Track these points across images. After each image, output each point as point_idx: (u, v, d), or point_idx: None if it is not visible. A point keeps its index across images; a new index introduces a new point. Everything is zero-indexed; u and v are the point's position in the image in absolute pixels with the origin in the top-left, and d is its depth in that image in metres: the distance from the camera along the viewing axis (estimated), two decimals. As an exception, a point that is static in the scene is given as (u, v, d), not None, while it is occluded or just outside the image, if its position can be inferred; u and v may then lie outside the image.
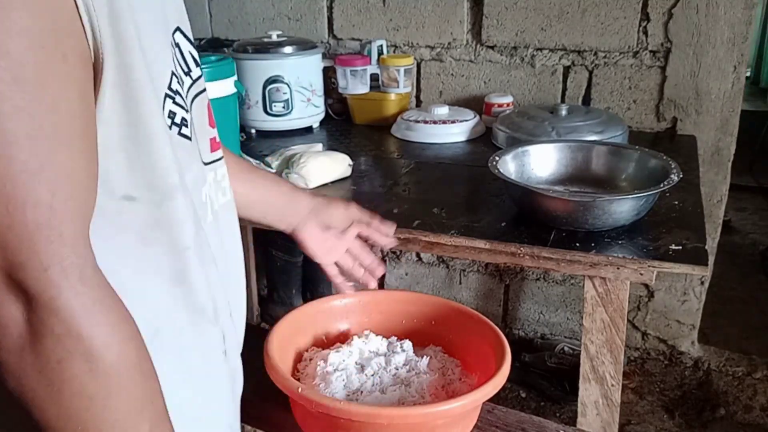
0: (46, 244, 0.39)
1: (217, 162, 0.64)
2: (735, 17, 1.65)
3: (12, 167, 0.38)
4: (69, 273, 0.40)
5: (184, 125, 0.54)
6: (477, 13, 1.93)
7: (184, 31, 0.56)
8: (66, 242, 0.41)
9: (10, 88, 0.38)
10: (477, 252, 1.18)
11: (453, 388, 0.92)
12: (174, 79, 0.52)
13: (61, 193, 0.40)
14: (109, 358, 0.42)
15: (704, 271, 1.04)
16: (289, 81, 1.85)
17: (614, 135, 1.59)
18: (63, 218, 0.40)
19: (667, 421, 1.83)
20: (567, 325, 2.17)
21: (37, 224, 0.39)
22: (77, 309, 0.40)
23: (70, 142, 0.41)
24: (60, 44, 0.41)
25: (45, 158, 0.39)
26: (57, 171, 0.40)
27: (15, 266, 0.39)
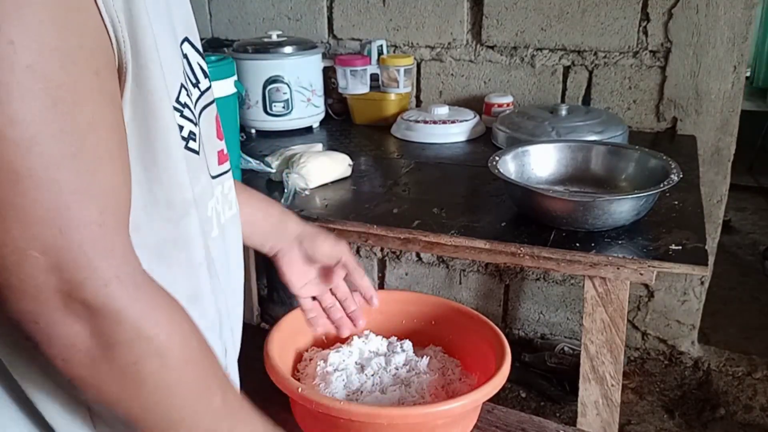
0: (101, 260, 0.40)
1: (225, 175, 0.63)
2: (735, 17, 1.65)
3: (60, 190, 0.38)
4: (126, 283, 0.42)
5: (192, 139, 0.53)
6: (477, 13, 1.93)
7: (192, 41, 0.55)
8: (118, 255, 0.42)
9: (51, 111, 0.38)
10: (477, 252, 1.19)
11: (453, 388, 0.92)
12: (183, 91, 0.51)
13: (109, 208, 0.41)
14: (176, 350, 0.44)
15: (704, 271, 1.04)
16: (289, 81, 1.85)
17: (614, 135, 1.59)
18: (113, 233, 0.42)
19: (667, 421, 1.83)
20: (567, 325, 2.17)
21: (92, 243, 0.40)
22: (139, 314, 0.42)
23: (111, 157, 0.42)
24: (91, 60, 0.41)
25: (90, 177, 0.40)
26: (103, 188, 0.41)
27: (75, 286, 0.40)
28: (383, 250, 2.30)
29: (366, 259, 2.32)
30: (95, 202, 0.40)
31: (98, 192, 0.40)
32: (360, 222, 1.25)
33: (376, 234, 1.24)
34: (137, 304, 0.42)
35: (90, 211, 0.40)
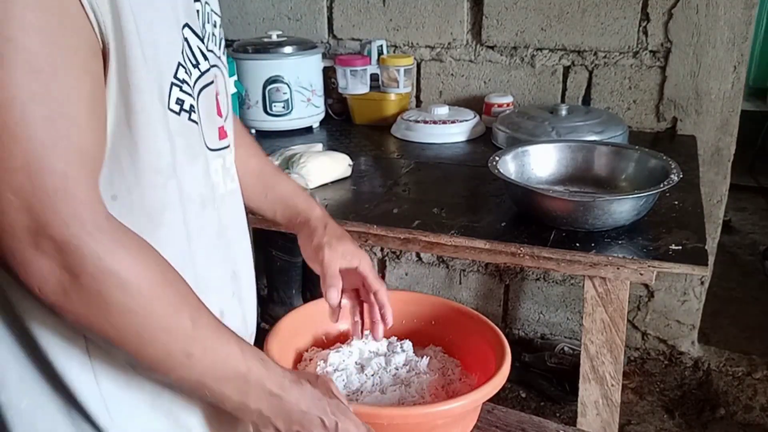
0: (63, 205, 0.47)
1: (225, 149, 0.69)
2: (735, 17, 1.65)
3: (30, 144, 0.46)
4: (86, 224, 0.48)
5: (193, 111, 0.60)
6: (477, 13, 1.93)
7: (192, 27, 0.61)
8: (80, 201, 0.48)
9: (28, 78, 0.45)
10: (477, 252, 1.19)
11: (453, 388, 0.92)
12: (181, 69, 0.58)
13: (74, 163, 0.48)
14: (136, 280, 0.51)
15: (704, 271, 1.04)
16: (289, 81, 1.85)
17: (614, 135, 1.59)
18: (76, 183, 0.48)
19: (667, 421, 1.83)
20: (567, 325, 2.17)
21: (56, 190, 0.47)
22: (100, 251, 0.49)
23: (81, 122, 0.49)
24: (70, 39, 0.48)
25: (60, 137, 0.47)
26: (70, 146, 0.48)
27: (42, 225, 0.47)
28: (383, 250, 2.30)
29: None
30: (62, 157, 0.47)
31: (65, 149, 0.48)
32: (360, 222, 1.25)
33: (376, 234, 1.24)
34: (98, 242, 0.49)
35: (57, 164, 0.47)
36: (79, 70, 0.49)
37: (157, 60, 0.55)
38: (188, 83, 0.59)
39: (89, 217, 0.49)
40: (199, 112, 0.62)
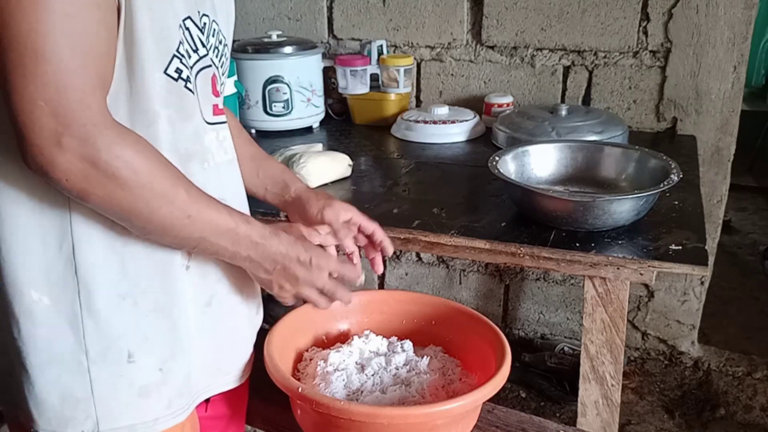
0: (82, 111, 0.60)
1: (220, 125, 0.81)
2: (735, 17, 1.65)
3: (60, 66, 0.59)
4: (99, 125, 0.62)
5: (189, 81, 0.72)
6: (477, 13, 1.93)
7: (194, 19, 0.73)
8: (94, 109, 0.62)
9: (61, 19, 0.58)
10: (477, 252, 1.19)
11: (453, 388, 0.92)
12: (182, 46, 0.71)
13: (90, 81, 0.62)
14: (139, 161, 0.64)
15: (704, 271, 1.04)
16: (289, 81, 1.85)
17: (614, 135, 1.59)
18: (92, 96, 0.62)
19: (667, 421, 1.83)
20: (567, 325, 2.17)
21: (77, 100, 0.60)
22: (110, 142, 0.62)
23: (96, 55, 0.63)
24: None
25: (80, 63, 0.60)
26: (87, 70, 0.61)
27: (65, 126, 0.60)
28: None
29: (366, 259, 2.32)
30: (81, 77, 0.61)
31: (84, 72, 0.61)
32: (360, 222, 1.25)
33: (376, 234, 1.23)
34: (108, 137, 0.62)
35: (78, 81, 0.60)
36: (99, 18, 0.62)
37: (162, 30, 0.68)
38: (186, 61, 0.72)
39: (101, 120, 0.62)
40: (196, 87, 0.74)
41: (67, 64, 0.60)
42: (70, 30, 0.59)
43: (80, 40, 0.60)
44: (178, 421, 0.78)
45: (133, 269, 0.72)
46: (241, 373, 0.88)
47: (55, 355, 0.71)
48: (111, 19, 0.64)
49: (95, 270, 0.70)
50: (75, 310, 0.70)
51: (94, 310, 0.70)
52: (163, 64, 0.69)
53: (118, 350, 0.72)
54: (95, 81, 0.62)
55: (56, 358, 0.71)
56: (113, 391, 0.73)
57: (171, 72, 0.70)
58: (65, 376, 0.71)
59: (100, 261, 0.70)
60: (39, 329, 0.70)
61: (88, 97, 0.61)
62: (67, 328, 0.70)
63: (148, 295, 0.73)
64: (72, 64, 0.60)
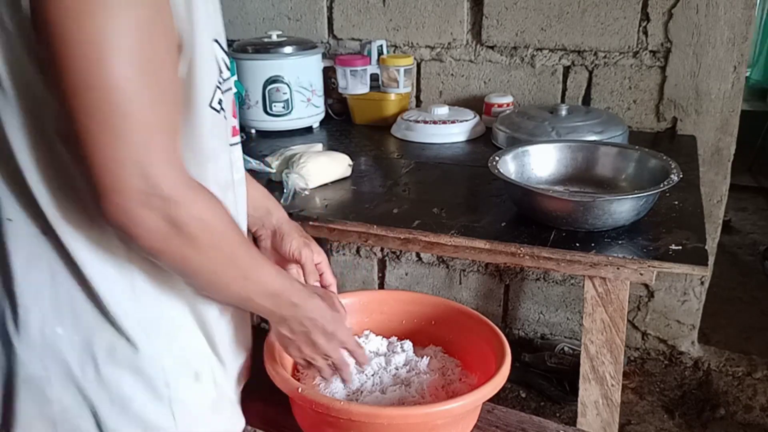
0: (169, 170, 0.60)
1: (236, 146, 0.83)
2: (735, 17, 1.65)
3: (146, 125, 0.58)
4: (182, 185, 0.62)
5: (223, 110, 0.73)
6: (477, 13, 1.93)
7: (220, 42, 0.72)
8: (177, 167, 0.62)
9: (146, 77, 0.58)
10: (477, 252, 1.18)
11: (453, 388, 0.92)
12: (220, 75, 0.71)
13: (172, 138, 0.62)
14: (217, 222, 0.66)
15: (704, 271, 1.04)
16: (289, 81, 1.85)
17: (614, 135, 1.59)
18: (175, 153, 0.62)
19: (667, 421, 1.83)
20: (567, 325, 2.17)
21: (164, 159, 0.60)
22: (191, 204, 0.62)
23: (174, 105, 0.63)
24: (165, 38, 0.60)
25: (164, 117, 0.60)
26: (170, 125, 0.61)
27: (153, 186, 0.59)
28: (383, 250, 2.30)
29: (366, 259, 2.32)
30: (166, 134, 0.60)
31: (168, 127, 0.61)
32: (360, 222, 1.25)
33: (376, 234, 1.24)
34: (190, 197, 0.62)
35: (164, 139, 0.60)
36: (171, 63, 0.62)
37: (208, 61, 0.67)
38: (221, 86, 0.71)
39: (183, 179, 0.62)
40: (225, 111, 0.75)
41: (153, 121, 0.59)
42: (152, 85, 0.58)
43: (161, 94, 0.60)
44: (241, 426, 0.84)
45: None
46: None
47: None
48: (176, 60, 0.64)
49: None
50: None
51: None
52: (209, 98, 0.69)
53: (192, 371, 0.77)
54: (175, 134, 0.62)
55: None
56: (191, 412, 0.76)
57: (215, 104, 0.70)
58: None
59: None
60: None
61: (172, 155, 0.61)
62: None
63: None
64: (157, 121, 0.59)
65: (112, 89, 0.55)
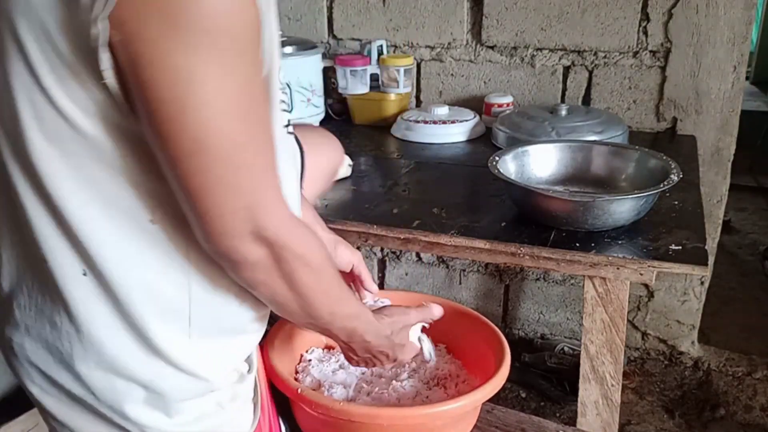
0: (276, 211, 0.62)
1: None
2: (735, 17, 1.65)
3: (255, 172, 0.60)
4: (288, 224, 0.64)
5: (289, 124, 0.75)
6: (477, 13, 1.93)
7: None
8: (282, 207, 0.64)
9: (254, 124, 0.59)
10: (477, 252, 1.18)
11: (453, 389, 0.92)
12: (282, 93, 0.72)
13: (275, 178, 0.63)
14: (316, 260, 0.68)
15: (704, 271, 1.04)
16: (289, 81, 1.85)
17: (614, 135, 1.58)
18: (279, 194, 0.63)
19: (667, 421, 1.83)
20: (567, 325, 2.17)
21: (271, 202, 0.62)
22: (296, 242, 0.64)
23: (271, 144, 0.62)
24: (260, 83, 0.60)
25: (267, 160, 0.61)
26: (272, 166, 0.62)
27: (262, 228, 0.61)
28: (383, 250, 2.30)
29: (366, 259, 2.32)
30: (271, 176, 0.62)
31: (272, 167, 0.62)
32: (360, 222, 1.25)
33: (376, 234, 1.24)
34: (294, 236, 0.64)
35: (270, 179, 0.62)
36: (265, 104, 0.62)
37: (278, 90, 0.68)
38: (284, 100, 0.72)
39: (288, 217, 0.65)
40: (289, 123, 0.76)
41: (260, 165, 0.60)
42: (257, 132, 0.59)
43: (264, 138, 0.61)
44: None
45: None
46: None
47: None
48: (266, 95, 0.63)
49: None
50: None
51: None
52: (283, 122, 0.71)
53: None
54: (276, 171, 0.63)
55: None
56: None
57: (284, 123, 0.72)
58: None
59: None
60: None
61: (277, 193, 0.63)
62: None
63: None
64: (263, 164, 0.61)
65: (231, 144, 0.56)
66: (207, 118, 0.54)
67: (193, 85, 0.52)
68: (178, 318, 0.67)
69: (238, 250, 0.61)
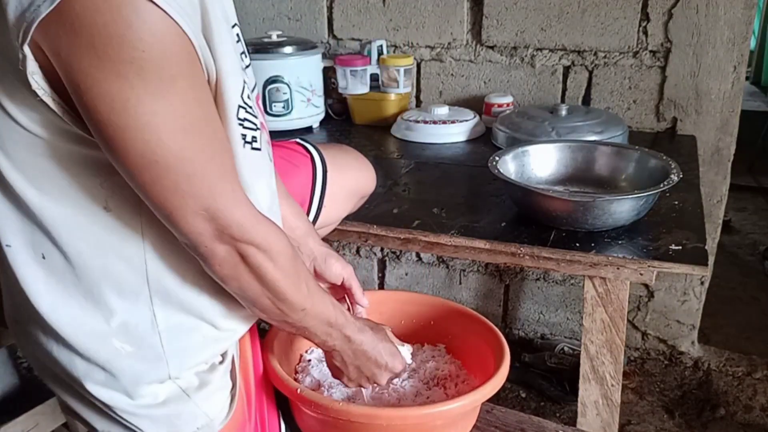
0: (236, 211, 0.65)
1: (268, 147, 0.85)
2: (735, 17, 1.65)
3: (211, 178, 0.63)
4: (251, 221, 0.67)
5: (255, 141, 0.75)
6: (477, 13, 1.93)
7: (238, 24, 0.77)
8: (244, 206, 0.67)
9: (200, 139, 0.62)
10: (477, 252, 1.18)
11: (452, 389, 0.92)
12: (241, 111, 0.72)
13: (233, 181, 0.67)
14: (281, 256, 0.71)
15: (704, 271, 1.04)
16: (289, 81, 1.85)
17: (614, 135, 1.58)
18: (240, 194, 0.67)
19: (667, 421, 1.83)
20: (567, 325, 2.17)
21: (231, 203, 0.65)
22: (259, 238, 0.68)
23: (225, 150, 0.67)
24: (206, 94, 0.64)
25: (222, 166, 0.65)
26: (228, 170, 0.66)
27: (224, 227, 0.65)
28: (383, 250, 2.30)
29: (366, 259, 2.32)
30: (228, 180, 0.66)
31: (228, 173, 0.66)
32: (360, 222, 1.25)
33: (376, 234, 1.24)
34: (258, 232, 0.68)
35: (227, 185, 0.65)
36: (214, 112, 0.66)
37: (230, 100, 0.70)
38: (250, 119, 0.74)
39: (251, 215, 0.68)
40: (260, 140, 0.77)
41: (214, 171, 0.64)
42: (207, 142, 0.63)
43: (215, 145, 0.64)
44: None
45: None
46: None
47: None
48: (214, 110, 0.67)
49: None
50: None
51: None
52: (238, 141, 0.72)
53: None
54: (236, 175, 0.68)
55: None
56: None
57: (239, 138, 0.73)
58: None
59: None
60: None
61: (238, 197, 0.67)
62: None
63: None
64: (218, 170, 0.64)
65: (176, 158, 0.60)
66: (148, 138, 0.58)
67: (128, 110, 0.56)
68: (137, 299, 0.71)
69: (204, 246, 0.66)
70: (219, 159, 0.65)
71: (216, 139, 0.65)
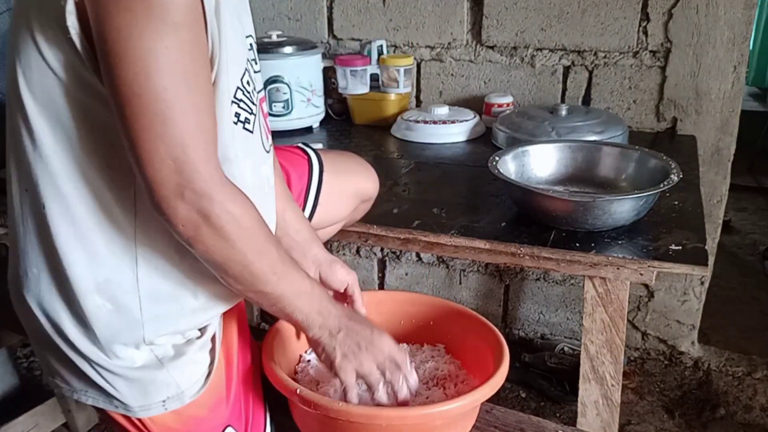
0: (203, 167, 0.67)
1: (272, 149, 0.90)
2: (735, 17, 1.65)
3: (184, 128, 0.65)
4: (216, 180, 0.69)
5: (248, 122, 0.79)
6: (477, 13, 1.93)
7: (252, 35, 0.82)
8: (211, 165, 0.69)
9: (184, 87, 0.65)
10: (477, 252, 1.18)
11: (452, 389, 0.92)
12: (239, 91, 0.76)
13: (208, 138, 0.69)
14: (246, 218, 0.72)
15: (704, 271, 1.04)
16: (289, 81, 1.85)
17: (614, 135, 1.58)
18: (210, 152, 0.69)
19: (667, 421, 1.83)
20: (567, 325, 2.17)
21: (199, 157, 0.67)
22: (223, 197, 0.69)
23: (209, 111, 0.69)
24: (201, 56, 0.68)
25: (200, 121, 0.67)
26: (205, 127, 0.68)
27: (188, 181, 0.66)
28: (383, 250, 2.30)
29: (366, 259, 2.32)
30: (202, 135, 0.67)
31: (203, 129, 0.68)
32: (360, 222, 1.25)
33: (376, 234, 1.24)
34: (222, 192, 0.69)
35: (200, 140, 0.67)
36: (207, 77, 0.69)
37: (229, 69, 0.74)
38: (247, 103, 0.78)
39: (217, 177, 0.69)
40: (259, 120, 0.81)
41: (191, 125, 0.66)
42: (190, 94, 0.66)
43: (199, 102, 0.67)
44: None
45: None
46: None
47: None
48: (210, 75, 0.71)
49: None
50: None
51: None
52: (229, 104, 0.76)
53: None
54: (210, 137, 0.69)
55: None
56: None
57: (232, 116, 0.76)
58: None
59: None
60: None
61: (207, 154, 0.68)
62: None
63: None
64: (194, 125, 0.67)
65: (156, 97, 0.63)
66: (137, 71, 0.63)
67: (129, 41, 0.62)
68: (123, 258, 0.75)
69: (167, 202, 0.67)
70: (198, 116, 0.67)
71: (200, 96, 0.68)
